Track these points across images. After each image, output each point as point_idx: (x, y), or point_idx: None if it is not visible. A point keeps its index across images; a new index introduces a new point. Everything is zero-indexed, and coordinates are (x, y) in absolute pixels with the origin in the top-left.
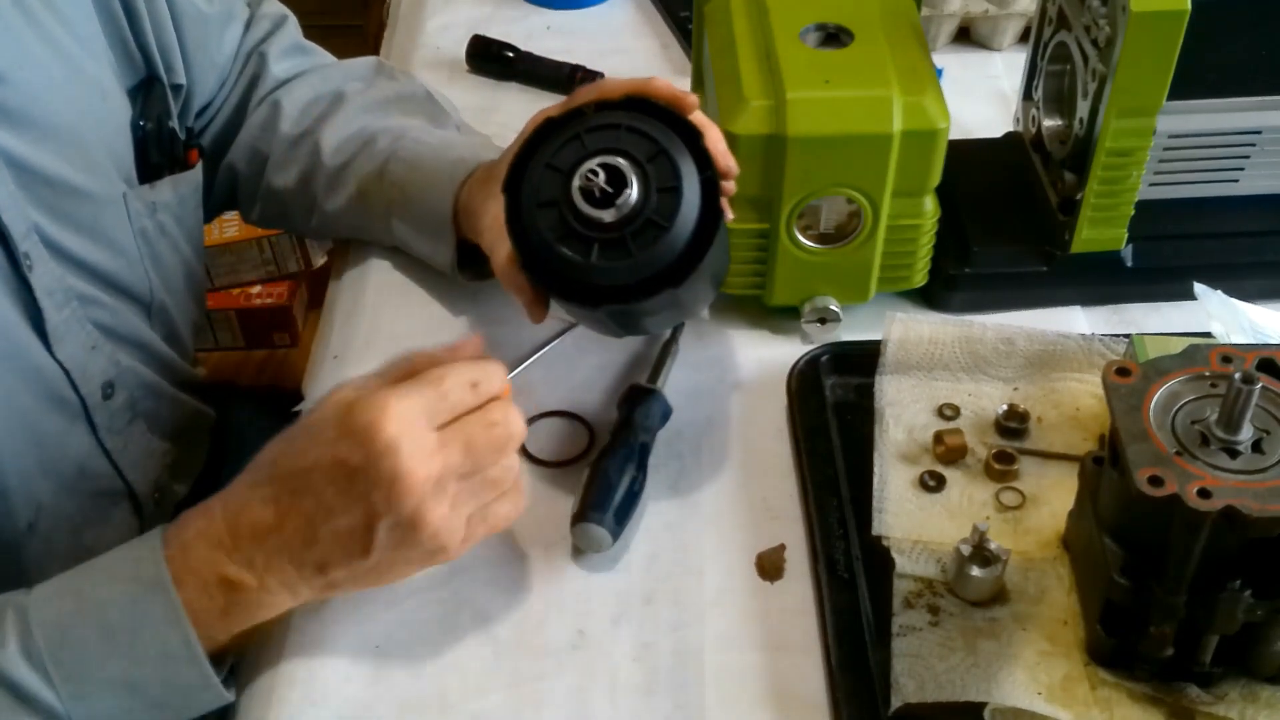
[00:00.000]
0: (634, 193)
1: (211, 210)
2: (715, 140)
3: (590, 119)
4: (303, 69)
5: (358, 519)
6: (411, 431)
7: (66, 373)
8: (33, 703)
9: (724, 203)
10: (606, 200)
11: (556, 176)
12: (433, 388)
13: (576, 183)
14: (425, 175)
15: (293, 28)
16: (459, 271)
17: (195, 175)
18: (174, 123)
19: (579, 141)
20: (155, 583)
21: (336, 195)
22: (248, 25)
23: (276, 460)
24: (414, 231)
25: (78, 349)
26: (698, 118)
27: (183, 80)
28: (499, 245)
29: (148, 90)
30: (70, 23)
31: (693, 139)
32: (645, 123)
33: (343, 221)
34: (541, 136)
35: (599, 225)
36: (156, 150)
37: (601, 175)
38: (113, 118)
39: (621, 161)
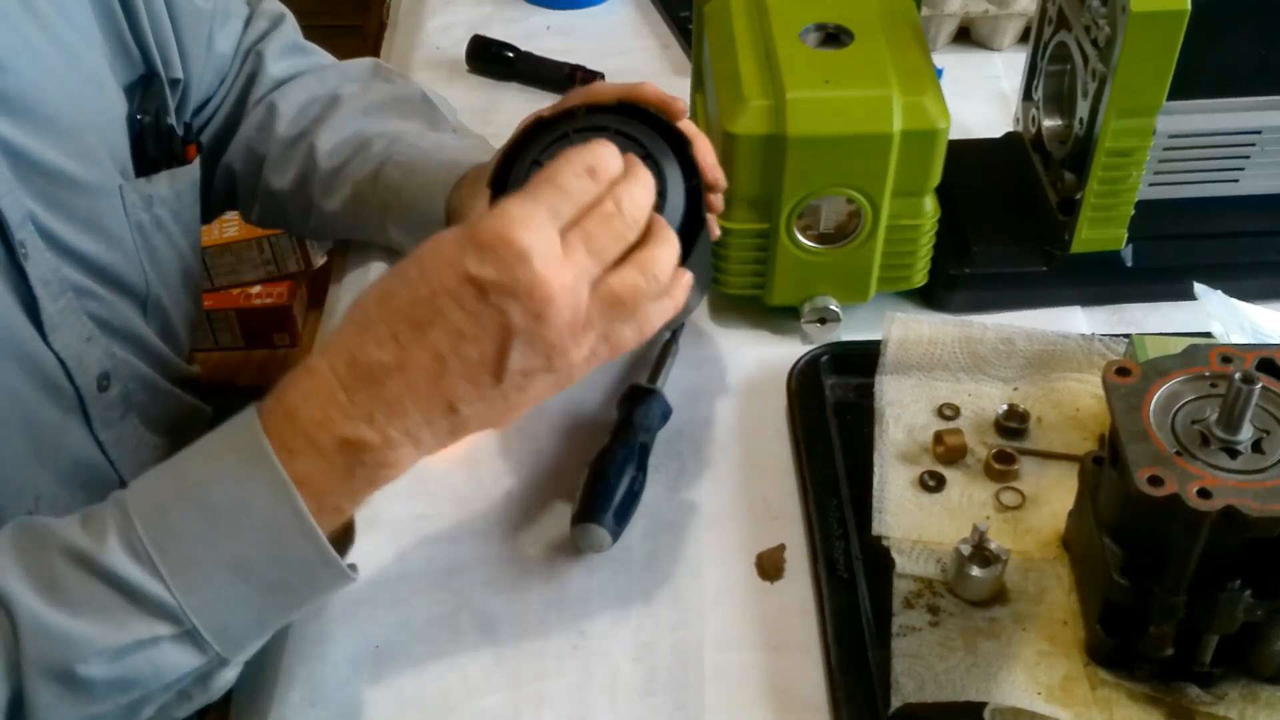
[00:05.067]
0: None
1: (212, 210)
2: (705, 152)
3: (580, 120)
4: (300, 69)
5: (491, 339)
6: (541, 235)
7: (62, 363)
8: (142, 598)
9: (709, 217)
10: None
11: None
12: (548, 186)
13: None
14: (418, 179)
15: (290, 27)
16: None
17: (192, 171)
18: (171, 118)
19: (566, 140)
20: (254, 454)
21: (332, 198)
22: (247, 23)
23: (385, 297)
24: (409, 235)
25: (73, 340)
26: (687, 126)
27: (180, 75)
28: None
29: (146, 85)
30: (68, 14)
31: (680, 146)
32: (634, 127)
33: (340, 223)
34: (531, 135)
35: None
36: (154, 144)
37: None
38: (109, 110)
39: None
